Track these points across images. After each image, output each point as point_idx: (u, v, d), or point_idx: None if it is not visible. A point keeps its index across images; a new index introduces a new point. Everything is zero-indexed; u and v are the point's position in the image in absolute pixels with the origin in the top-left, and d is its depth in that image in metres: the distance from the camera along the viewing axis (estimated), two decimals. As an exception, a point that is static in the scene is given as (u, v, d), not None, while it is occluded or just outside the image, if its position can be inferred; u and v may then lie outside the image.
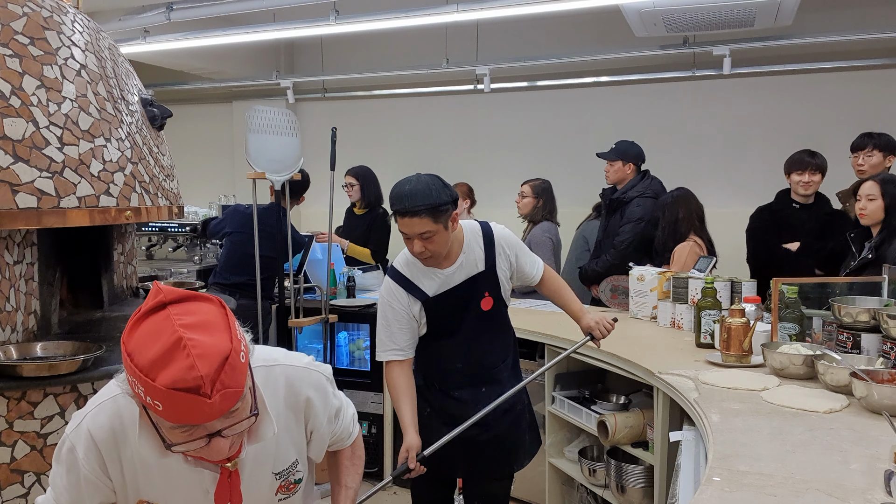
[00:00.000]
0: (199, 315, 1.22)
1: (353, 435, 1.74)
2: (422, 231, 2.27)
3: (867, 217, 2.99)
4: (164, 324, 1.19)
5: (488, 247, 2.47)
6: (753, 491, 1.54)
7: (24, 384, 2.09)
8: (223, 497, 1.43)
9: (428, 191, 2.26)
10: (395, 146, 7.06)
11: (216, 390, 1.16)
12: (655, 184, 4.33)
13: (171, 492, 1.42)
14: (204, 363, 1.15)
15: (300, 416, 1.53)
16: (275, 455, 1.50)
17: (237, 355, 1.20)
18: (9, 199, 2.12)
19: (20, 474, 2.12)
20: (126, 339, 1.21)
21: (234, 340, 1.21)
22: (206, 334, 1.19)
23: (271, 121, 3.85)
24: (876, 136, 3.79)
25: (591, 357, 3.01)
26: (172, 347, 1.16)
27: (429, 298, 2.42)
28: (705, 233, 3.93)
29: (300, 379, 1.51)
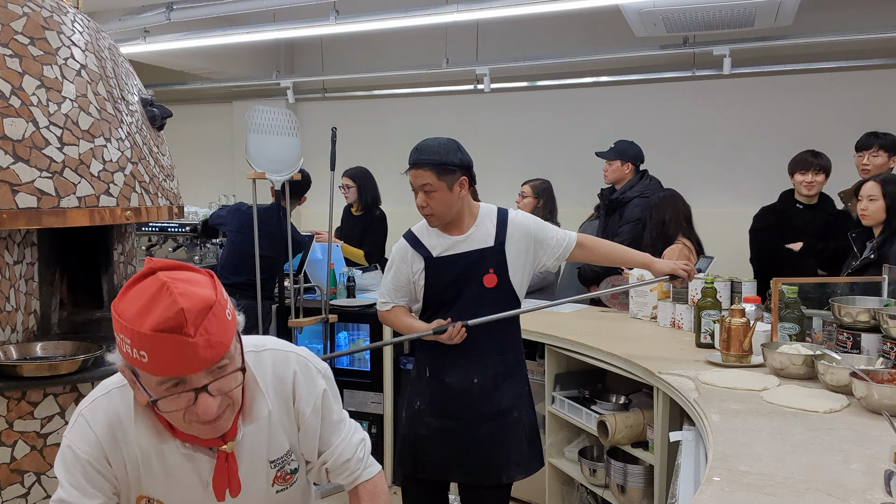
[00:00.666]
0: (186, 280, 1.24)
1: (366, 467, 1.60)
2: (423, 183, 2.43)
3: (869, 217, 2.99)
4: (151, 282, 1.22)
5: (500, 226, 2.53)
6: (753, 491, 1.54)
7: (24, 384, 2.09)
8: (221, 483, 1.43)
9: (438, 149, 2.46)
10: (395, 146, 7.03)
11: (199, 333, 1.19)
12: (654, 184, 4.33)
13: (171, 485, 1.43)
14: (186, 300, 1.18)
15: (289, 402, 1.50)
16: (268, 441, 1.48)
17: (222, 308, 1.24)
18: (9, 199, 2.12)
19: (20, 474, 2.12)
20: (116, 303, 1.24)
21: (219, 296, 1.24)
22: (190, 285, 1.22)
23: (271, 121, 3.85)
24: (882, 135, 3.79)
25: (591, 357, 3.01)
26: (157, 292, 1.19)
27: (432, 257, 2.49)
28: (693, 234, 3.92)
29: (285, 360, 1.51)
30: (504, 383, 2.53)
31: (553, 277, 4.46)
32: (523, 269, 2.55)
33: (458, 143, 2.52)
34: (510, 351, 2.59)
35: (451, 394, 2.51)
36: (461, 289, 2.48)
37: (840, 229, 3.64)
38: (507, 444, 2.52)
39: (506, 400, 2.53)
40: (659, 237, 3.88)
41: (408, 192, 2.57)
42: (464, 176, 2.45)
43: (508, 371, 2.57)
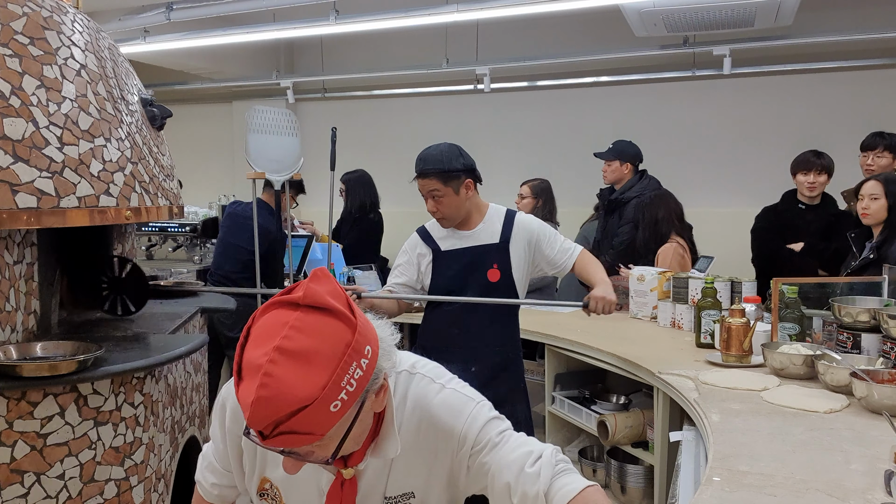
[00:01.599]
0: (314, 338, 1.08)
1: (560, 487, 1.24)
2: (431, 189, 2.57)
3: (870, 217, 2.98)
4: (276, 330, 1.08)
5: (507, 224, 2.67)
6: (753, 491, 1.54)
7: (24, 384, 2.09)
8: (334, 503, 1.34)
9: (441, 156, 2.58)
10: (395, 146, 7.05)
11: (277, 432, 1.07)
12: (653, 184, 4.33)
13: (292, 479, 1.33)
14: (261, 407, 1.05)
15: (424, 441, 1.34)
16: (388, 476, 1.36)
17: (323, 404, 1.07)
18: (9, 199, 2.12)
19: (20, 474, 2.11)
20: (256, 316, 1.14)
21: (328, 387, 1.07)
22: (296, 370, 1.06)
23: (271, 121, 3.85)
24: (887, 136, 3.78)
25: (591, 357, 3.01)
26: (255, 370, 1.07)
27: (440, 250, 2.66)
28: (686, 232, 3.94)
29: (430, 392, 1.35)
30: (500, 376, 2.62)
31: (551, 278, 4.46)
32: (525, 268, 2.67)
33: (459, 148, 2.65)
34: (508, 344, 2.69)
35: None
36: (466, 281, 2.61)
37: (842, 229, 3.64)
38: None
39: (500, 392, 2.56)
40: (652, 236, 3.90)
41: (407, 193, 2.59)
42: (468, 178, 2.60)
43: (505, 364, 2.66)
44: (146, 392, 2.39)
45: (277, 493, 1.39)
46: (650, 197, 4.02)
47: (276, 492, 1.39)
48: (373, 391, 1.17)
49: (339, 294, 1.14)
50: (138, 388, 2.36)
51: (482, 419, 1.33)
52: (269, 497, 1.41)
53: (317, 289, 1.12)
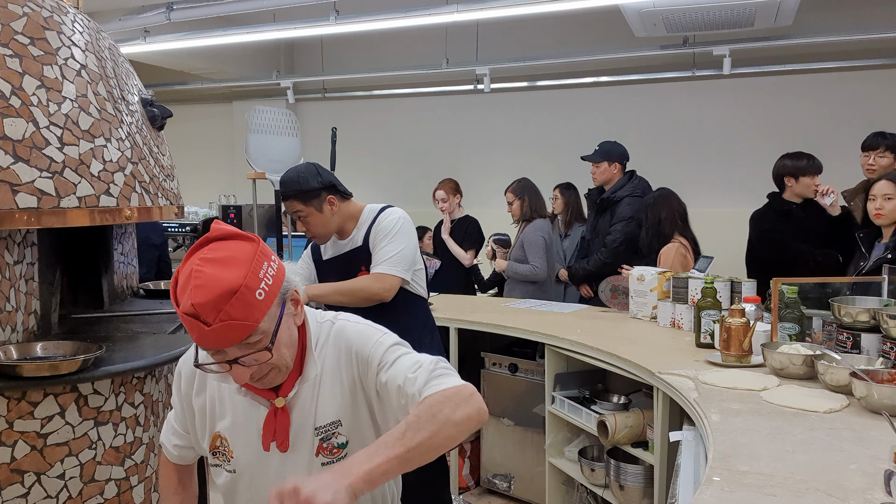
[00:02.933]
0: (225, 251, 1.32)
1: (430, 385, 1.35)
2: (294, 211, 2.65)
3: (884, 217, 2.93)
4: (190, 261, 1.32)
5: (371, 224, 2.70)
6: (753, 491, 1.54)
7: (24, 384, 2.09)
8: (269, 434, 1.48)
9: (298, 178, 2.63)
10: (395, 146, 7.06)
11: (219, 319, 1.27)
12: (643, 183, 4.39)
13: (236, 427, 1.52)
14: (200, 292, 1.27)
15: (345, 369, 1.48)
16: (316, 407, 1.49)
17: (249, 291, 1.30)
18: (9, 199, 2.12)
19: (20, 474, 2.11)
20: (179, 269, 1.35)
21: (248, 277, 1.30)
22: (218, 268, 1.29)
23: (271, 121, 3.86)
24: (889, 136, 3.77)
25: (591, 357, 3.01)
26: (187, 278, 1.30)
27: (321, 260, 2.80)
28: (689, 232, 3.95)
29: (345, 329, 1.52)
30: None
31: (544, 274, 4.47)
32: None
33: (316, 167, 2.69)
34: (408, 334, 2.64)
35: None
36: None
37: (843, 228, 3.64)
38: None
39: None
40: (655, 236, 3.90)
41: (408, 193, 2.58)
42: (329, 195, 2.64)
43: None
44: (146, 392, 2.39)
45: (226, 444, 1.54)
46: (654, 197, 4.02)
47: (225, 444, 1.55)
48: (289, 298, 1.41)
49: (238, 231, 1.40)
50: (138, 387, 2.36)
51: (386, 344, 1.48)
52: (220, 453, 1.56)
53: (218, 226, 1.38)
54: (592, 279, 4.39)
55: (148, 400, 2.40)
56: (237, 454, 1.53)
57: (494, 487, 3.81)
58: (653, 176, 4.60)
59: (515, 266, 4.48)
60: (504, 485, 3.78)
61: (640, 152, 6.03)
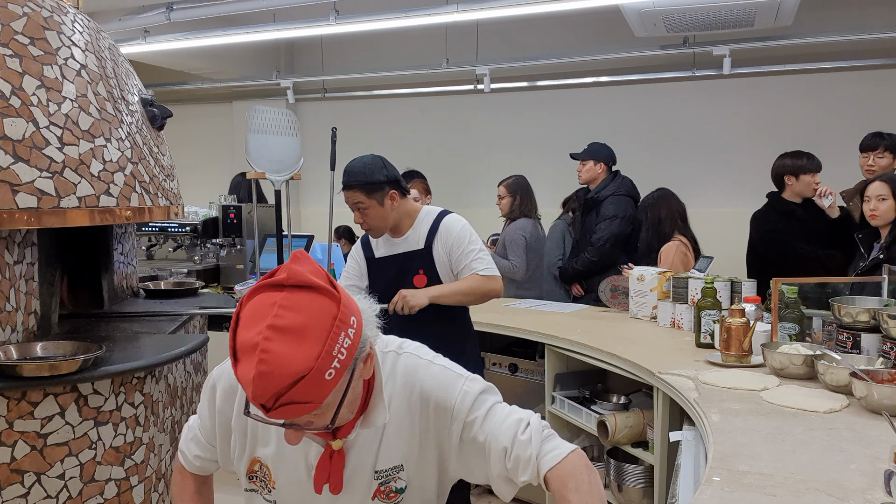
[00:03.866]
0: (302, 314, 1.15)
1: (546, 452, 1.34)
2: (355, 202, 2.62)
3: (879, 218, 2.95)
4: (266, 311, 1.14)
5: (433, 228, 2.70)
6: (753, 491, 1.54)
7: (24, 384, 2.09)
8: (322, 476, 1.39)
9: (364, 169, 2.61)
10: (395, 146, 7.05)
11: (279, 403, 1.13)
12: (627, 182, 4.43)
13: (280, 456, 1.42)
14: (262, 382, 1.11)
15: (415, 414, 1.39)
16: (378, 449, 1.40)
17: (318, 373, 1.13)
18: (9, 199, 2.12)
19: (20, 474, 2.11)
20: (243, 302, 1.20)
21: (321, 357, 1.13)
22: (290, 343, 1.13)
23: (271, 121, 3.86)
24: (887, 136, 3.77)
25: (591, 357, 3.01)
26: (251, 349, 1.13)
27: (373, 257, 2.77)
28: (689, 231, 3.98)
29: (417, 367, 1.41)
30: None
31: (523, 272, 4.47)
32: (449, 271, 2.71)
33: (383, 160, 2.67)
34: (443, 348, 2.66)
35: None
36: (395, 287, 2.65)
37: (843, 228, 3.64)
38: None
39: None
40: (655, 236, 3.93)
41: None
42: (392, 189, 2.63)
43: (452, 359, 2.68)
44: (146, 392, 2.39)
45: (267, 472, 1.44)
46: (654, 197, 4.05)
47: (265, 471, 1.44)
48: (361, 359, 1.25)
49: (321, 272, 1.21)
50: (138, 387, 2.36)
51: (473, 394, 1.39)
52: (258, 479, 1.46)
53: (299, 269, 1.18)
54: (582, 278, 4.43)
55: (148, 400, 2.40)
56: (280, 485, 1.44)
57: (494, 487, 3.81)
58: (652, 176, 4.60)
59: (496, 260, 4.49)
60: (504, 485, 3.78)
61: (640, 152, 6.05)
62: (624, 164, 5.48)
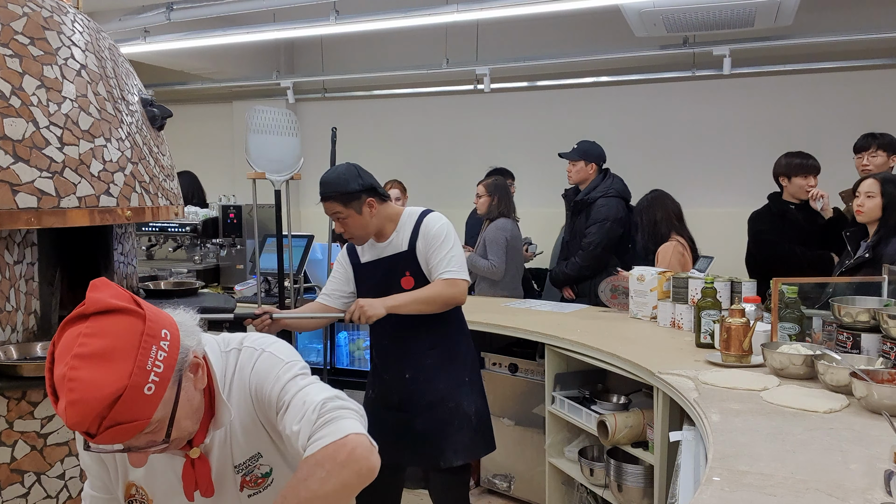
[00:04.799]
0: (106, 338, 1.16)
1: (315, 440, 1.29)
2: (333, 212, 2.63)
3: (864, 214, 2.98)
4: (71, 343, 1.17)
5: (415, 229, 2.69)
6: (753, 491, 1.54)
7: (24, 384, 2.09)
8: (189, 484, 1.43)
9: (339, 179, 2.61)
10: (395, 146, 7.05)
11: (102, 428, 1.14)
12: (617, 183, 4.40)
13: (151, 475, 1.45)
14: (76, 410, 1.13)
15: (250, 402, 1.44)
16: (231, 446, 1.45)
17: (136, 390, 1.15)
18: (9, 199, 2.12)
19: (20, 474, 2.12)
20: (55, 340, 1.21)
21: (133, 374, 1.15)
22: (96, 368, 1.14)
23: (271, 121, 3.85)
24: (879, 136, 3.78)
25: (591, 357, 3.01)
26: (60, 381, 1.15)
27: (360, 263, 2.77)
28: (685, 231, 3.99)
29: (251, 359, 1.44)
30: (438, 376, 2.68)
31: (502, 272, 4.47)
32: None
33: (357, 168, 2.66)
34: (439, 346, 2.73)
35: (391, 388, 2.74)
36: (384, 292, 2.65)
37: (837, 229, 3.64)
38: (442, 432, 2.68)
39: (441, 391, 2.69)
40: (651, 237, 3.95)
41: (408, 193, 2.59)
42: (369, 197, 2.62)
43: (441, 363, 2.71)
44: (146, 392, 2.39)
45: (144, 494, 1.47)
46: (648, 199, 4.06)
47: (142, 493, 1.47)
48: (187, 370, 1.26)
49: (122, 294, 1.23)
50: (138, 388, 2.36)
51: (283, 381, 1.40)
52: (136, 501, 1.48)
53: (98, 296, 1.21)
54: (573, 283, 4.42)
55: (148, 400, 2.39)
56: (158, 501, 1.47)
57: (494, 487, 3.81)
58: (652, 176, 4.60)
59: (476, 260, 4.50)
60: (504, 485, 3.78)
61: (640, 152, 6.05)
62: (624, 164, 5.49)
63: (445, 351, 2.73)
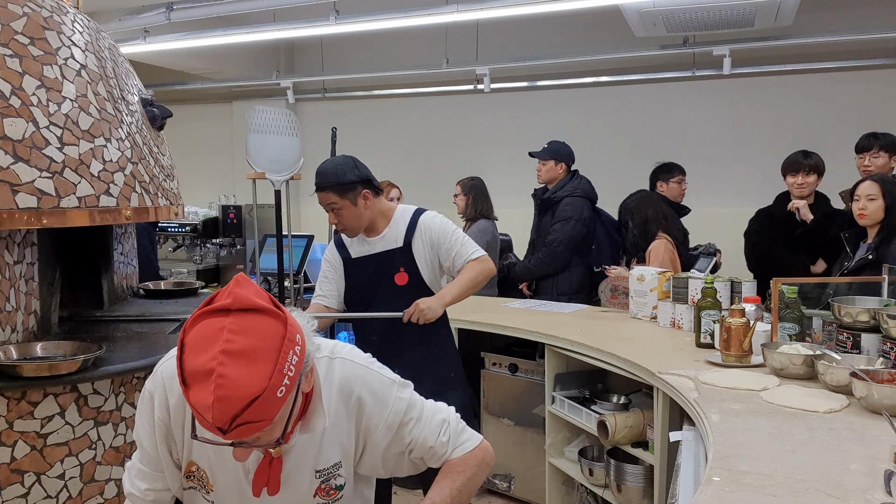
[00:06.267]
0: (252, 337, 1.18)
1: (456, 447, 1.56)
2: (328, 203, 2.64)
3: (867, 217, 2.97)
4: (215, 336, 1.18)
5: (411, 226, 2.72)
6: (753, 491, 1.54)
7: (24, 384, 2.09)
8: (261, 481, 1.44)
9: (336, 170, 2.63)
10: (395, 146, 7.05)
11: (234, 425, 1.17)
12: (584, 183, 4.42)
13: (219, 461, 1.45)
14: (221, 407, 1.15)
15: (352, 416, 1.48)
16: (318, 451, 1.47)
17: (272, 392, 1.18)
18: (9, 199, 2.12)
19: (20, 474, 2.12)
20: (187, 328, 1.22)
21: (273, 376, 1.18)
22: (243, 367, 1.16)
23: (271, 121, 3.85)
24: (881, 136, 3.78)
25: (591, 357, 3.01)
26: (205, 374, 1.16)
27: (349, 257, 2.77)
28: (672, 230, 4.06)
29: (354, 373, 1.48)
30: (423, 371, 2.67)
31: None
32: (433, 268, 2.74)
33: (354, 160, 2.69)
34: (426, 342, 2.75)
35: None
36: (376, 287, 2.71)
37: (834, 229, 3.65)
38: None
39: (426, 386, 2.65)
40: (642, 235, 4.02)
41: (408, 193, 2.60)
42: (365, 189, 2.65)
43: (427, 360, 2.74)
44: (146, 392, 2.39)
45: (204, 475, 1.48)
46: (637, 199, 4.12)
47: (202, 473, 1.48)
48: (305, 373, 1.30)
49: (264, 294, 1.26)
50: (138, 387, 2.36)
51: (405, 400, 1.53)
52: (195, 478, 1.49)
53: (243, 293, 1.22)
54: (533, 278, 4.46)
55: (148, 400, 2.39)
56: (218, 488, 1.47)
57: (494, 487, 3.81)
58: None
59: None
60: (504, 485, 3.78)
61: (639, 152, 6.04)
62: (623, 164, 5.51)
63: (431, 347, 2.77)
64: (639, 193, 4.20)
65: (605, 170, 5.28)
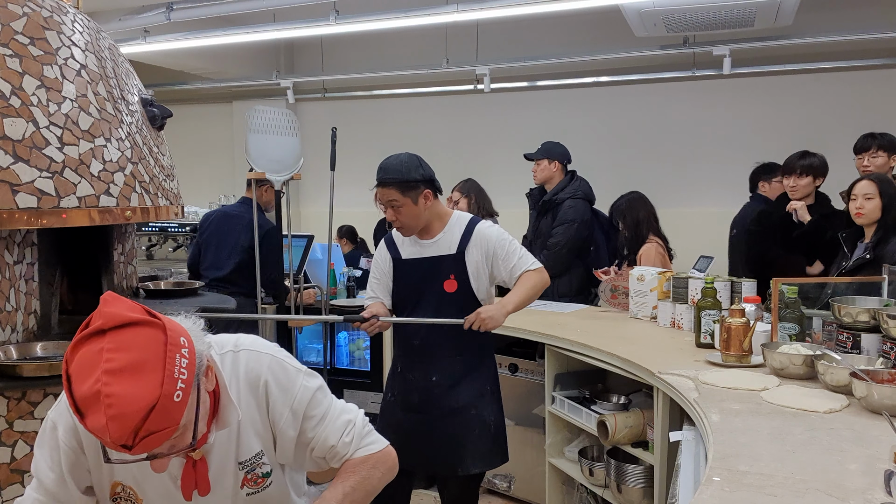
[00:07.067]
0: (132, 351, 1.18)
1: (358, 449, 1.56)
2: (389, 199, 2.58)
3: (864, 217, 2.97)
4: (94, 359, 1.17)
5: (466, 234, 2.68)
6: (753, 491, 1.54)
7: (24, 384, 2.09)
8: (189, 484, 1.46)
9: (401, 167, 2.58)
10: (395, 146, 7.03)
11: (139, 438, 1.17)
12: (584, 185, 4.41)
13: (144, 475, 1.44)
14: (117, 425, 1.14)
15: (262, 404, 1.50)
16: (237, 443, 1.49)
17: (167, 399, 1.18)
18: (9, 199, 2.12)
19: (20, 474, 2.12)
20: (68, 359, 1.21)
21: (165, 383, 1.18)
22: (130, 381, 1.16)
23: (271, 121, 3.86)
24: (879, 136, 3.78)
25: (591, 357, 3.01)
26: (93, 398, 1.15)
27: (400, 258, 2.72)
28: (661, 232, 4.10)
29: (259, 362, 1.50)
30: (462, 382, 2.68)
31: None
32: (484, 278, 2.69)
33: (419, 159, 2.65)
34: (466, 352, 2.72)
35: (414, 389, 2.73)
36: (423, 291, 2.66)
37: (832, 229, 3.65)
38: (463, 439, 2.67)
39: (464, 397, 2.69)
40: (634, 237, 4.04)
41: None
42: (427, 189, 2.61)
43: (466, 371, 2.71)
44: (146, 392, 2.39)
45: (132, 493, 1.48)
46: (628, 200, 4.13)
47: (129, 492, 1.48)
48: (202, 373, 1.30)
49: (136, 307, 1.26)
50: (138, 388, 2.36)
51: (311, 390, 1.53)
52: (122, 498, 1.49)
53: (112, 310, 1.22)
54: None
55: (148, 400, 2.39)
56: (149, 501, 1.48)
57: (494, 487, 3.81)
58: (653, 176, 4.61)
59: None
60: (504, 485, 3.78)
61: (639, 152, 6.05)
62: (623, 164, 5.51)
63: (471, 359, 2.73)
64: (630, 195, 4.19)
65: (605, 170, 5.29)
